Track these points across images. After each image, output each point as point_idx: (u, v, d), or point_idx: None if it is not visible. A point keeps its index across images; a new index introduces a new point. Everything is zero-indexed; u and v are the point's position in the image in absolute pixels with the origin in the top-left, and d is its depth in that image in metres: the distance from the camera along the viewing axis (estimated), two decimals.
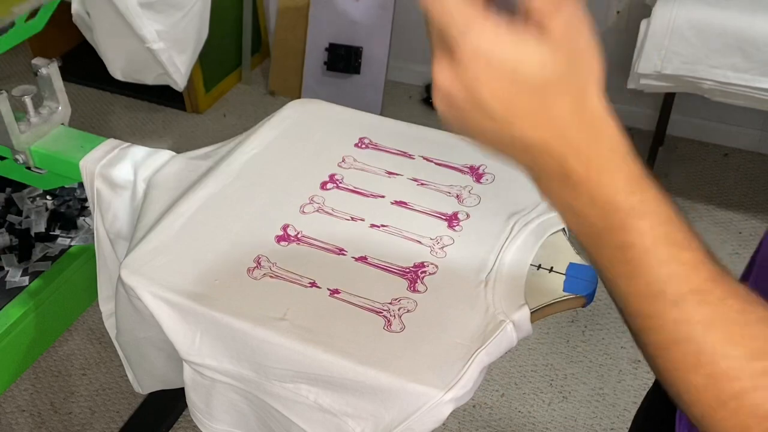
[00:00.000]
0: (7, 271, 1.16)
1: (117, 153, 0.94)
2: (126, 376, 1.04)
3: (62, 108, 1.00)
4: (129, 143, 0.97)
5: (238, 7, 2.77)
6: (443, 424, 0.69)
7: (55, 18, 1.21)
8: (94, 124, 2.66)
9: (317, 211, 0.85)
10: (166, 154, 0.94)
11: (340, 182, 0.89)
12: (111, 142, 0.97)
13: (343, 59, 2.62)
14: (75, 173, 0.94)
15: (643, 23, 1.78)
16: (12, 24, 1.04)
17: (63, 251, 1.20)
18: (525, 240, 0.81)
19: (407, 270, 0.78)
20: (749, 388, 0.38)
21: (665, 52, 1.76)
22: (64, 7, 1.22)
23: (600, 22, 2.44)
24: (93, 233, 1.22)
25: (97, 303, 1.04)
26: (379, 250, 0.80)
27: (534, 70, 0.37)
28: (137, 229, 0.84)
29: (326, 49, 2.64)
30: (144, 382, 0.98)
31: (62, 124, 1.01)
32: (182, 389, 0.84)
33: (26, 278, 1.15)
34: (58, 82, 0.98)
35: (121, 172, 0.92)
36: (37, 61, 0.96)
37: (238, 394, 0.78)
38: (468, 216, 0.84)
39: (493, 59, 0.37)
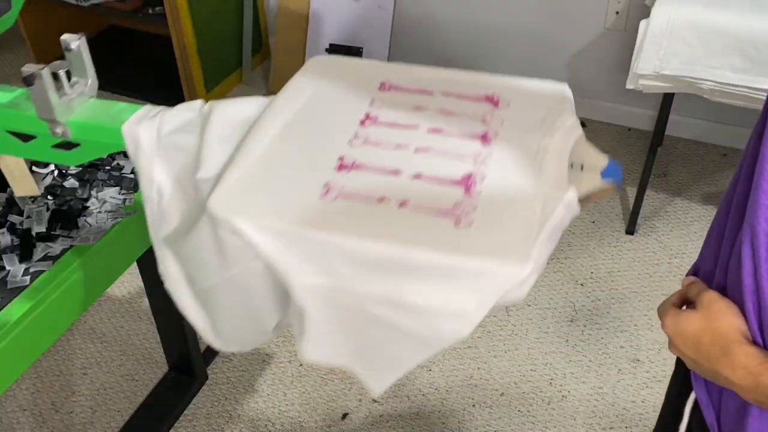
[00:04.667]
0: (9, 271, 1.16)
1: (159, 114, 0.96)
2: (126, 375, 1.05)
3: (91, 81, 1.03)
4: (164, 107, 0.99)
5: (238, 7, 2.78)
6: (443, 423, 0.70)
7: (55, 18, 1.21)
8: None
9: (364, 143, 0.91)
10: (207, 106, 0.98)
11: (377, 119, 0.96)
12: (149, 108, 0.99)
13: None
14: (117, 138, 0.96)
15: (643, 23, 1.79)
16: None
17: (64, 251, 1.21)
18: (559, 139, 0.88)
19: (459, 180, 0.85)
20: None
21: (664, 53, 1.76)
22: (65, 7, 1.22)
23: (600, 22, 2.44)
24: (97, 230, 1.22)
25: (98, 302, 1.05)
26: (430, 168, 0.87)
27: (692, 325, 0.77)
28: (205, 169, 0.89)
29: (326, 49, 2.65)
30: (225, 336, 0.99)
31: (92, 96, 1.04)
32: (183, 388, 0.85)
33: (27, 278, 1.15)
34: (87, 56, 1.01)
35: (169, 126, 0.96)
36: (66, 36, 0.98)
37: (343, 310, 0.83)
38: (497, 134, 0.92)
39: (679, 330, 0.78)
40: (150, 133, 0.96)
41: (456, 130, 0.94)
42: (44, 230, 1.22)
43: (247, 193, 0.85)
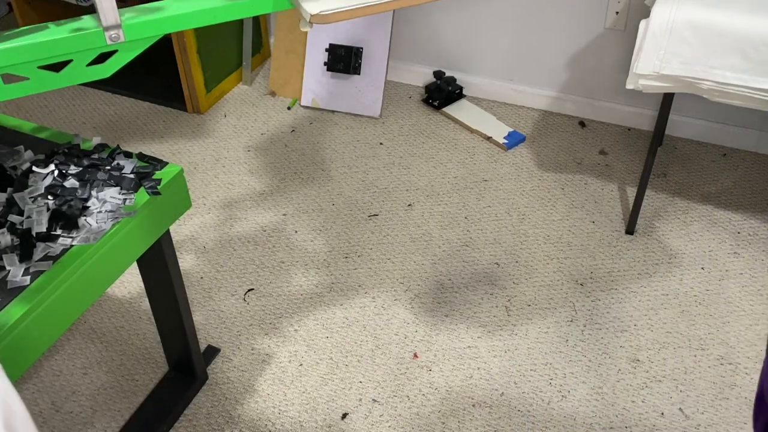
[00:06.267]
0: (9, 271, 1.16)
1: None
2: (126, 375, 1.04)
3: None
4: None
5: None
6: (443, 423, 0.65)
7: (54, 17, 1.21)
8: (96, 124, 2.66)
9: None
10: None
11: None
12: None
13: (343, 59, 2.63)
14: (162, 27, 1.02)
15: (642, 23, 1.79)
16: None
17: (64, 251, 1.21)
18: None
19: None
20: None
21: (664, 53, 1.76)
22: (65, 6, 1.22)
23: (600, 22, 2.44)
24: (97, 230, 1.23)
25: (98, 302, 1.04)
26: None
27: None
28: None
29: (326, 50, 2.65)
30: None
31: None
32: (180, 394, 0.82)
33: (27, 278, 1.15)
34: None
35: None
36: None
37: None
38: None
39: None
40: None
41: None
42: (44, 230, 1.23)
43: None
